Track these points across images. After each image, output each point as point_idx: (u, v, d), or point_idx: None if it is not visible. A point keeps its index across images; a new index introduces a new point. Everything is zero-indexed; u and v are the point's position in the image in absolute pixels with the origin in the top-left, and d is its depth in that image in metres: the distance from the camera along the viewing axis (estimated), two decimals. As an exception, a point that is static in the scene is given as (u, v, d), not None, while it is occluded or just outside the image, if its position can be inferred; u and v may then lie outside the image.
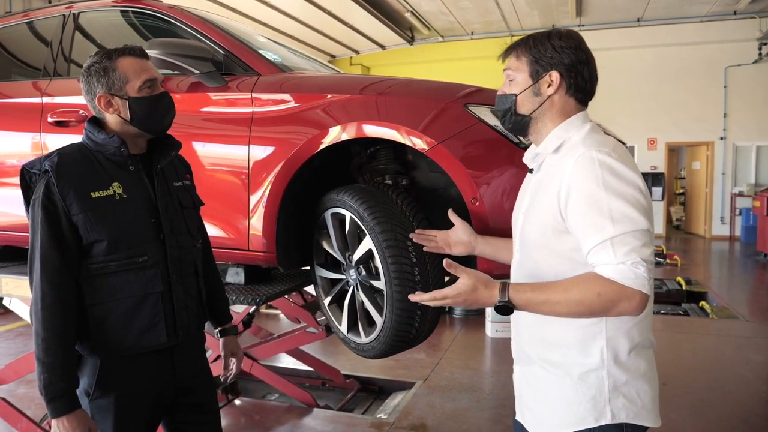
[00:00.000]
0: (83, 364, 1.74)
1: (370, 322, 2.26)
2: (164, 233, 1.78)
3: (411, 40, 14.85)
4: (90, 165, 1.71)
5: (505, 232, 1.91)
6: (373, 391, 4.74)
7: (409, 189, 2.43)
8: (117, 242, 1.69)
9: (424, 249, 2.02)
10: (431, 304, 1.57)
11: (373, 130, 2.21)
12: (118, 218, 1.70)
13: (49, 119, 2.86)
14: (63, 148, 1.74)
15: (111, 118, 1.75)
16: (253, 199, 2.39)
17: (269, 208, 2.36)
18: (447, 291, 1.52)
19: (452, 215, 2.00)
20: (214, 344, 3.41)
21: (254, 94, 2.43)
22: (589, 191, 1.38)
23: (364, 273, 2.23)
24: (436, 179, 2.43)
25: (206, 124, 2.51)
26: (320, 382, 4.84)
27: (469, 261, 2.13)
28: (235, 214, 2.44)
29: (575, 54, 1.52)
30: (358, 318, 2.30)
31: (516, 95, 1.57)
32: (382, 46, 15.21)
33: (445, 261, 1.54)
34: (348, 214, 2.21)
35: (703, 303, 7.29)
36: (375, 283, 2.17)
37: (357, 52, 15.54)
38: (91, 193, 1.67)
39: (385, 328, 2.14)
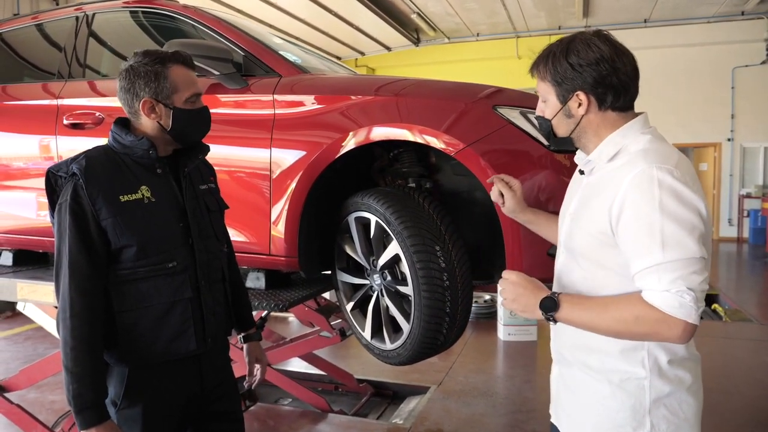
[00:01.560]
0: (110, 374, 1.70)
1: (396, 328, 2.22)
2: (193, 238, 1.74)
3: (417, 42, 14.80)
4: (118, 168, 1.67)
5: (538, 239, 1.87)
6: (387, 396, 4.68)
7: (433, 192, 2.39)
8: (146, 247, 1.65)
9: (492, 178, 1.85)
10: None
11: (397, 133, 2.16)
12: (147, 222, 1.66)
13: (65, 122, 2.82)
14: (89, 150, 1.70)
15: (147, 123, 1.71)
16: (275, 202, 2.35)
17: (291, 212, 2.32)
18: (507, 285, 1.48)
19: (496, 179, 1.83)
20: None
21: (276, 96, 2.39)
22: (643, 212, 1.30)
23: (389, 278, 2.19)
24: (459, 182, 2.38)
25: (227, 126, 2.47)
26: (333, 386, 4.79)
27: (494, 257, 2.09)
28: (256, 218, 2.40)
29: (597, 69, 1.39)
30: (383, 324, 2.26)
31: (550, 120, 1.49)
32: (388, 48, 15.17)
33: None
34: (373, 218, 2.16)
35: (715, 306, 7.23)
36: (402, 288, 2.12)
37: (362, 54, 15.50)
38: (120, 197, 1.63)
39: (412, 335, 2.10)
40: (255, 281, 2.51)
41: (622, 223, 1.34)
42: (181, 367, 1.75)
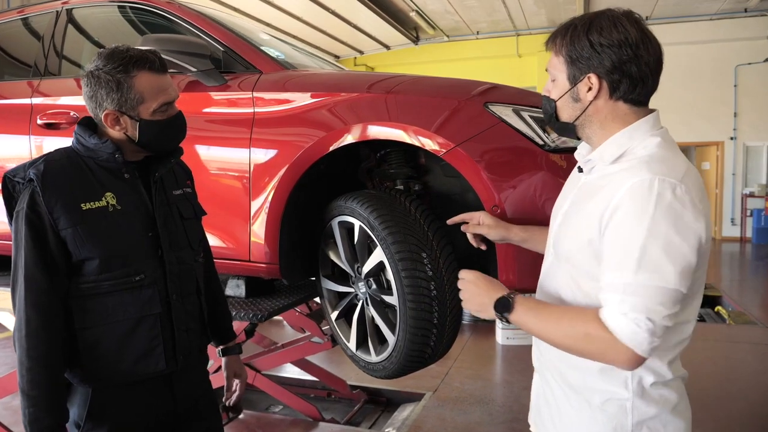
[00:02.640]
0: (73, 393, 1.57)
1: (381, 340, 2.09)
2: (163, 248, 1.61)
3: (416, 40, 14.67)
4: (80, 173, 1.53)
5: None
6: (381, 403, 4.56)
7: (422, 195, 2.26)
8: (110, 259, 1.52)
9: (462, 228, 1.83)
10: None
11: (384, 132, 2.04)
12: (111, 232, 1.52)
13: (39, 121, 2.70)
14: (50, 153, 1.57)
15: (113, 132, 1.57)
16: (255, 205, 2.22)
17: (272, 216, 2.19)
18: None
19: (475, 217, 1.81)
20: (213, 353, 3.26)
21: (255, 94, 2.26)
22: (630, 224, 1.18)
23: (374, 286, 2.06)
24: (451, 184, 2.25)
25: (204, 125, 2.34)
26: (326, 393, 4.67)
27: (486, 264, 1.97)
28: (235, 223, 2.27)
29: (618, 52, 1.24)
30: (368, 335, 2.13)
31: (555, 101, 1.36)
32: (387, 47, 15.04)
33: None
34: (357, 223, 2.04)
35: (719, 308, 7.09)
36: (387, 298, 1.99)
37: (361, 53, 15.37)
38: (82, 205, 1.49)
39: (397, 347, 1.97)
40: (235, 289, 2.38)
41: (608, 231, 1.22)
42: (150, 386, 1.62)
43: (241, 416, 4.03)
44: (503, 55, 14.12)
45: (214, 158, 2.31)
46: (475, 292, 1.40)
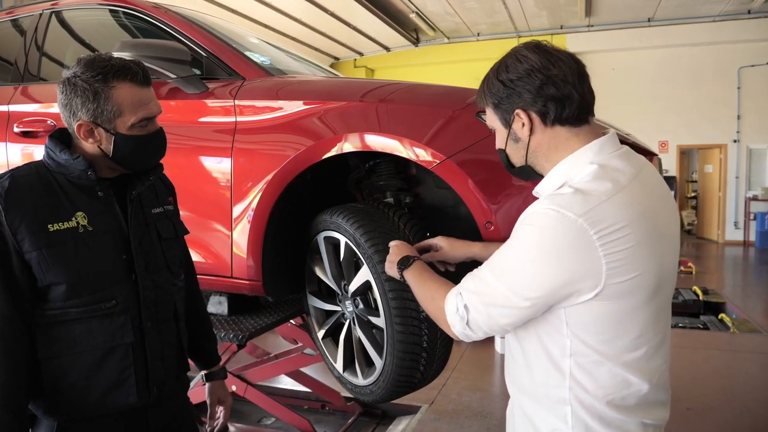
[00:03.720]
0: (37, 426, 1.47)
1: (369, 362, 1.98)
2: (137, 272, 1.49)
3: (416, 42, 14.56)
4: (49, 190, 1.42)
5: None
6: (376, 416, 4.44)
7: (413, 208, 2.15)
8: (79, 285, 1.41)
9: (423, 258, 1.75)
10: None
11: (373, 142, 1.92)
12: (80, 256, 1.41)
13: (15, 129, 2.59)
14: (17, 168, 1.45)
15: (87, 145, 1.46)
16: (237, 219, 2.11)
17: (255, 230, 2.08)
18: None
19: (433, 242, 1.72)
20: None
21: (237, 102, 2.15)
22: (513, 238, 1.23)
23: (361, 306, 1.95)
24: (443, 196, 2.14)
25: (183, 135, 2.23)
26: (320, 404, 4.56)
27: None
28: (215, 236, 2.16)
29: (530, 81, 1.22)
30: (356, 357, 2.02)
31: (504, 149, 1.34)
32: (387, 48, 14.93)
33: None
34: (343, 239, 1.93)
35: (722, 315, 6.96)
36: (374, 319, 1.88)
37: (361, 54, 15.26)
38: (49, 226, 1.38)
39: (385, 372, 1.86)
40: (216, 306, 2.27)
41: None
42: (123, 420, 1.51)
43: (232, 430, 3.93)
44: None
45: (193, 169, 2.20)
46: (392, 252, 1.59)
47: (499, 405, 4.35)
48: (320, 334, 2.20)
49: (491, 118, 1.34)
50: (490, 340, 5.77)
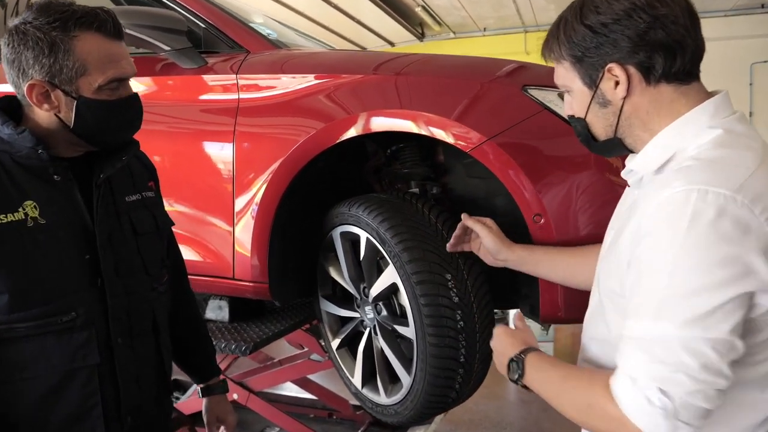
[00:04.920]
0: None
1: (394, 378, 1.70)
2: (104, 276, 1.20)
3: (421, 37, 14.26)
4: None
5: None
6: (387, 426, 4.16)
7: (441, 199, 1.87)
8: (27, 293, 1.11)
9: (448, 247, 1.54)
10: None
11: (394, 123, 1.65)
12: (29, 257, 1.11)
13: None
14: None
15: (41, 114, 1.16)
16: (240, 213, 1.83)
17: (260, 226, 1.81)
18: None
19: (470, 221, 1.49)
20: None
21: (240, 77, 1.87)
22: (654, 254, 0.87)
23: (384, 312, 1.67)
24: (475, 187, 1.86)
25: (178, 116, 1.96)
26: (327, 413, 4.29)
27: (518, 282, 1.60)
28: (215, 233, 1.89)
29: (629, 23, 0.93)
30: (377, 371, 1.74)
31: (584, 119, 1.04)
32: (391, 43, 14.62)
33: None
34: (363, 235, 1.65)
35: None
36: (401, 328, 1.61)
37: (364, 49, 15.00)
38: None
39: (414, 391, 1.59)
40: (216, 311, 1.99)
41: (633, 266, 0.92)
42: None
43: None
44: (511, 52, 13.67)
45: (189, 156, 1.92)
46: (498, 351, 1.18)
47: (518, 414, 4.08)
48: (334, 343, 1.92)
49: (566, 77, 1.03)
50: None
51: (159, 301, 1.35)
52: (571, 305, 1.48)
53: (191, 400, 3.91)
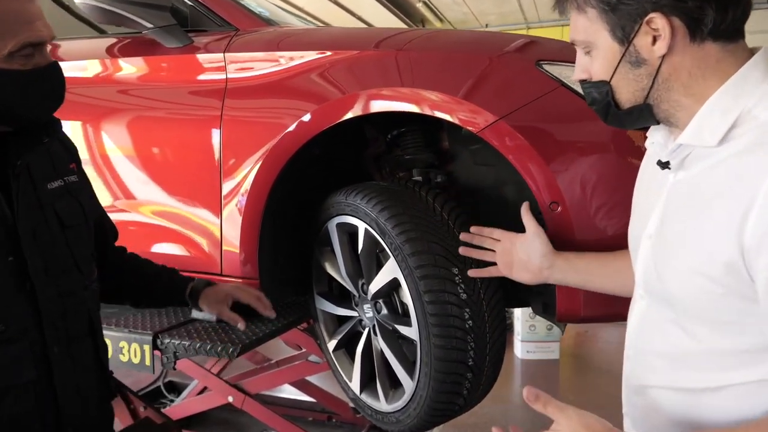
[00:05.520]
0: None
1: (395, 383, 1.56)
2: (33, 280, 1.04)
3: (422, 34, 14.17)
4: None
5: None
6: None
7: (446, 189, 1.72)
8: None
9: (470, 273, 1.34)
10: None
11: (394, 102, 1.50)
12: None
13: None
14: None
15: None
16: (227, 203, 1.69)
17: (249, 218, 1.66)
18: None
19: (528, 216, 1.29)
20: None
21: (228, 56, 1.73)
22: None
23: (385, 311, 1.53)
24: (482, 175, 1.71)
25: (160, 98, 1.81)
26: (326, 416, 4.14)
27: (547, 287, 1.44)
28: (201, 226, 1.74)
29: None
30: (377, 375, 1.60)
31: (608, 82, 0.87)
32: (392, 40, 14.53)
33: (527, 390, 0.93)
34: (362, 226, 1.50)
35: None
36: (403, 329, 1.46)
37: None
38: None
39: (417, 397, 1.44)
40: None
41: (764, 258, 0.73)
42: None
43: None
44: (513, 48, 13.60)
45: (173, 142, 1.78)
46: None
47: (523, 416, 3.93)
48: (331, 344, 1.78)
49: (588, 30, 0.87)
50: (508, 343, 5.34)
51: (93, 298, 1.19)
52: (591, 302, 1.33)
53: (185, 403, 3.79)
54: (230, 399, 3.37)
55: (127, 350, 1.70)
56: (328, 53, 1.61)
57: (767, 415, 0.78)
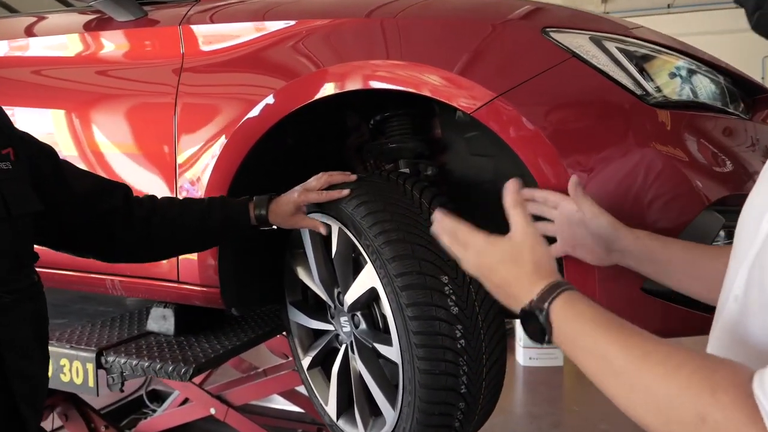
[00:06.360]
0: None
1: (376, 410, 1.32)
2: None
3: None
4: None
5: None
6: (381, 443, 3.80)
7: (437, 183, 1.49)
8: None
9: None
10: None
11: (374, 79, 1.26)
12: None
13: None
14: None
15: None
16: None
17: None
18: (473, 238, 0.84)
19: (578, 190, 1.02)
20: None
21: (185, 28, 1.50)
22: None
23: (363, 326, 1.29)
24: (479, 167, 1.48)
25: (109, 75, 1.59)
26: (315, 428, 3.92)
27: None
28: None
29: None
30: (355, 399, 1.36)
31: None
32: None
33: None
34: (335, 225, 1.27)
35: None
36: (383, 348, 1.23)
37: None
38: None
39: (400, 430, 1.20)
40: (160, 322, 1.61)
41: None
42: None
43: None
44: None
45: (122, 128, 1.54)
46: (492, 283, 0.80)
47: (526, 429, 3.71)
48: (305, 361, 1.55)
49: None
50: (510, 350, 5.11)
51: (3, 317, 0.93)
52: (611, 299, 1.10)
53: (166, 415, 3.58)
54: (212, 411, 3.18)
55: (69, 369, 1.48)
56: (300, 23, 1.37)
57: None
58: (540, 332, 0.68)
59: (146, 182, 1.48)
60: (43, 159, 1.08)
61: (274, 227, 1.28)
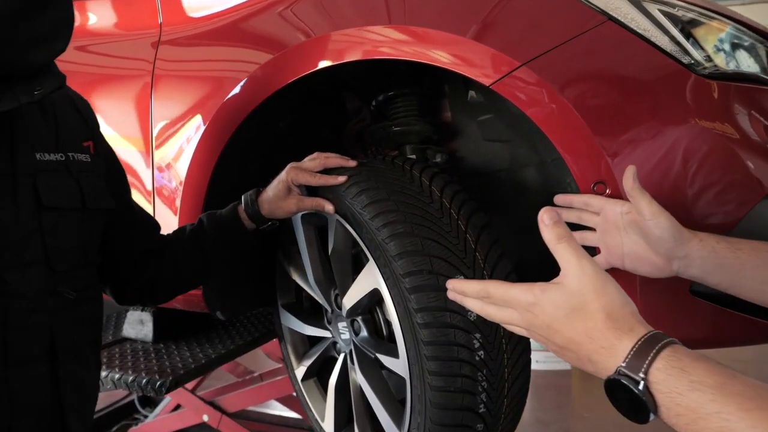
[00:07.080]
0: None
1: (380, 430, 1.16)
2: None
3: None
4: None
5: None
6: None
7: (448, 171, 1.32)
8: None
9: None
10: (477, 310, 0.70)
11: (374, 47, 1.10)
12: None
13: None
14: None
15: None
16: (159, 189, 1.30)
17: (188, 207, 1.26)
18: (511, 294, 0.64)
19: (633, 182, 0.84)
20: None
21: (163, -2, 1.34)
22: None
23: (364, 333, 1.13)
24: (495, 154, 1.32)
25: (80, 49, 1.43)
26: (314, 435, 3.77)
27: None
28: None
29: None
30: (355, 419, 1.20)
31: None
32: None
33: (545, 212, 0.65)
34: (333, 218, 1.11)
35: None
36: (386, 360, 1.06)
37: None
38: None
39: (407, 455, 1.04)
40: (137, 328, 1.44)
41: None
42: None
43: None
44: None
45: (100, 109, 1.38)
46: (565, 349, 0.60)
47: (534, 436, 3.55)
48: (299, 371, 1.38)
49: None
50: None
51: (64, 315, 0.84)
52: (654, 304, 0.94)
53: (157, 422, 3.45)
54: (205, 418, 3.06)
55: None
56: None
57: None
58: (639, 409, 0.51)
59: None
60: (113, 160, 1.03)
61: (276, 223, 1.12)
